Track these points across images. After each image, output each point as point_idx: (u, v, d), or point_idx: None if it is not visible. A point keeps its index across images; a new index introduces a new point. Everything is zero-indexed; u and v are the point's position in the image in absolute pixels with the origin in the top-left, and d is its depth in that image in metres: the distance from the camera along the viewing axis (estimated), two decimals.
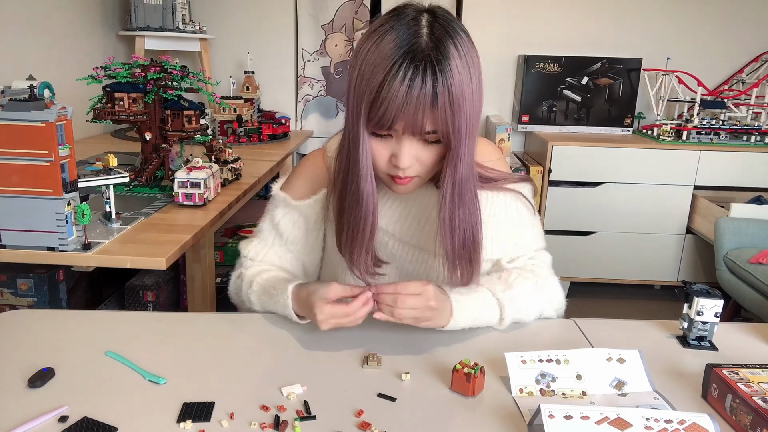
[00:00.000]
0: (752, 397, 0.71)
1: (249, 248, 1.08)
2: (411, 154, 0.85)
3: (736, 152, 2.80)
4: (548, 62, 3.05)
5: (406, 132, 0.82)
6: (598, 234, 2.93)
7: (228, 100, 2.62)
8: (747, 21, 3.13)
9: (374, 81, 0.79)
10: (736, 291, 2.37)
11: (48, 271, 1.60)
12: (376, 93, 0.79)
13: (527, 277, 0.98)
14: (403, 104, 0.78)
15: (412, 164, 0.86)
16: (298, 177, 1.08)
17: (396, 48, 0.78)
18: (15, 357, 0.84)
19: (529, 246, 1.04)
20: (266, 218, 1.09)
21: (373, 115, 0.81)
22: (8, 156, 1.10)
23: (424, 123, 0.80)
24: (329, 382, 0.80)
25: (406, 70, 0.77)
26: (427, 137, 0.83)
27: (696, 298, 0.92)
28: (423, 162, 0.87)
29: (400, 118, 0.80)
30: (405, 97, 0.78)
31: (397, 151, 0.85)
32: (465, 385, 0.77)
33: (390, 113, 0.79)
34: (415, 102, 0.78)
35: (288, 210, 1.06)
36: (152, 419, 0.71)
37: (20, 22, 2.15)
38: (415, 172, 0.88)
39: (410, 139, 0.84)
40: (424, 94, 0.78)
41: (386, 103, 0.79)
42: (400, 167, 0.85)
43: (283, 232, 1.06)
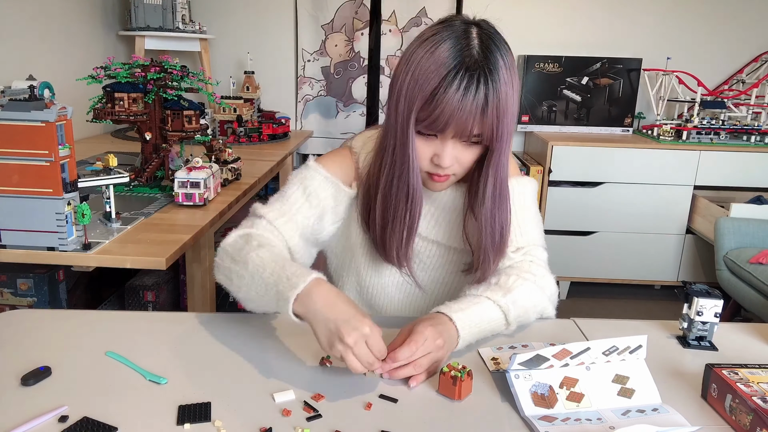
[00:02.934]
0: (752, 397, 0.71)
1: (268, 209, 0.99)
2: (453, 155, 0.91)
3: (736, 152, 2.80)
4: (548, 62, 3.05)
5: (455, 136, 0.89)
6: (598, 234, 2.93)
7: (228, 100, 2.62)
8: (747, 21, 3.13)
9: (428, 86, 0.85)
10: (736, 291, 2.37)
11: (48, 271, 1.60)
12: (429, 97, 0.85)
13: (526, 278, 0.99)
14: (456, 110, 0.84)
15: (453, 164, 0.92)
16: (335, 162, 1.05)
17: (451, 57, 0.84)
18: (15, 357, 0.84)
19: (532, 238, 1.06)
20: (293, 185, 1.02)
21: (423, 116, 0.87)
22: (8, 156, 1.10)
23: (472, 128, 0.86)
24: (330, 383, 0.80)
25: (461, 79, 0.83)
26: (470, 139, 0.89)
27: (696, 298, 0.92)
28: (462, 162, 0.93)
29: (452, 123, 0.86)
30: (459, 103, 0.84)
31: (441, 151, 0.90)
32: (451, 389, 0.77)
33: (444, 117, 0.85)
34: (468, 109, 0.84)
35: (326, 185, 1.02)
36: (153, 419, 0.71)
37: (20, 22, 2.15)
38: (454, 171, 0.94)
39: (454, 141, 0.90)
40: (477, 102, 0.84)
41: (441, 107, 0.84)
42: (443, 166, 0.91)
43: (314, 204, 1.00)
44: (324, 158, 1.07)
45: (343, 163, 1.06)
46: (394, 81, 0.90)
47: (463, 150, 0.91)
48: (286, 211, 0.99)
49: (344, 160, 1.06)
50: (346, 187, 1.03)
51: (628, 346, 0.78)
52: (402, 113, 0.89)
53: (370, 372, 0.80)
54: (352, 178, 1.05)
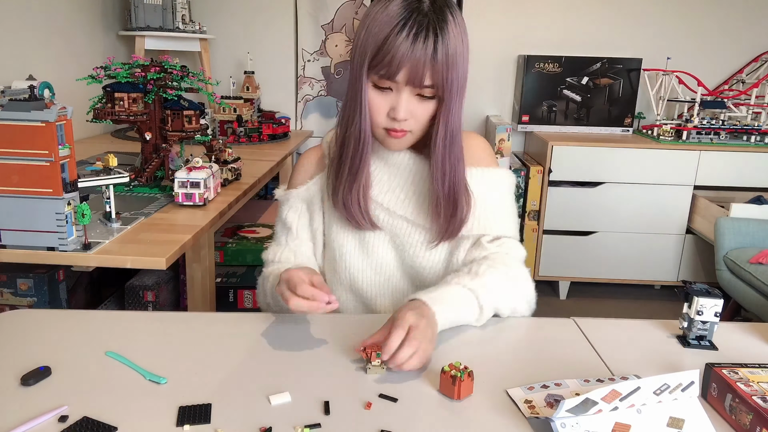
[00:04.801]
0: (752, 396, 0.71)
1: (267, 253, 1.14)
2: (408, 108, 0.96)
3: (736, 152, 2.80)
4: (548, 62, 3.05)
5: (408, 83, 0.93)
6: (598, 234, 2.93)
7: (228, 100, 2.62)
8: (747, 21, 3.13)
9: (381, 35, 0.91)
10: (736, 291, 2.37)
11: (48, 271, 1.60)
12: (381, 44, 0.91)
13: (497, 268, 1.00)
14: (407, 54, 0.90)
15: (407, 117, 0.96)
16: (295, 171, 1.16)
17: (402, 9, 0.91)
18: (15, 357, 0.84)
19: (508, 229, 1.08)
20: (277, 224, 1.16)
21: (376, 64, 0.92)
22: (8, 156, 1.10)
23: (424, 75, 0.91)
24: (330, 383, 0.80)
25: (411, 26, 0.90)
26: (423, 91, 0.94)
27: (696, 298, 0.92)
28: (417, 117, 0.97)
29: (403, 69, 0.91)
30: (410, 47, 0.90)
31: (396, 103, 0.95)
32: (450, 388, 0.77)
33: (395, 62, 0.91)
34: (419, 54, 0.90)
35: (291, 202, 1.13)
36: (153, 419, 0.71)
37: (20, 22, 2.15)
38: (410, 126, 0.98)
39: (408, 93, 0.95)
40: (426, 49, 0.90)
41: (392, 52, 0.90)
42: (398, 118, 0.96)
43: (291, 226, 1.12)
44: (290, 177, 1.17)
45: (307, 163, 1.14)
46: (354, 39, 0.97)
47: (418, 104, 0.96)
48: (277, 249, 1.12)
49: (309, 159, 1.14)
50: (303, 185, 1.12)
51: (680, 384, 0.72)
52: (357, 65, 0.95)
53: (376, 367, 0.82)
54: (319, 167, 1.13)
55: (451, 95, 0.94)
